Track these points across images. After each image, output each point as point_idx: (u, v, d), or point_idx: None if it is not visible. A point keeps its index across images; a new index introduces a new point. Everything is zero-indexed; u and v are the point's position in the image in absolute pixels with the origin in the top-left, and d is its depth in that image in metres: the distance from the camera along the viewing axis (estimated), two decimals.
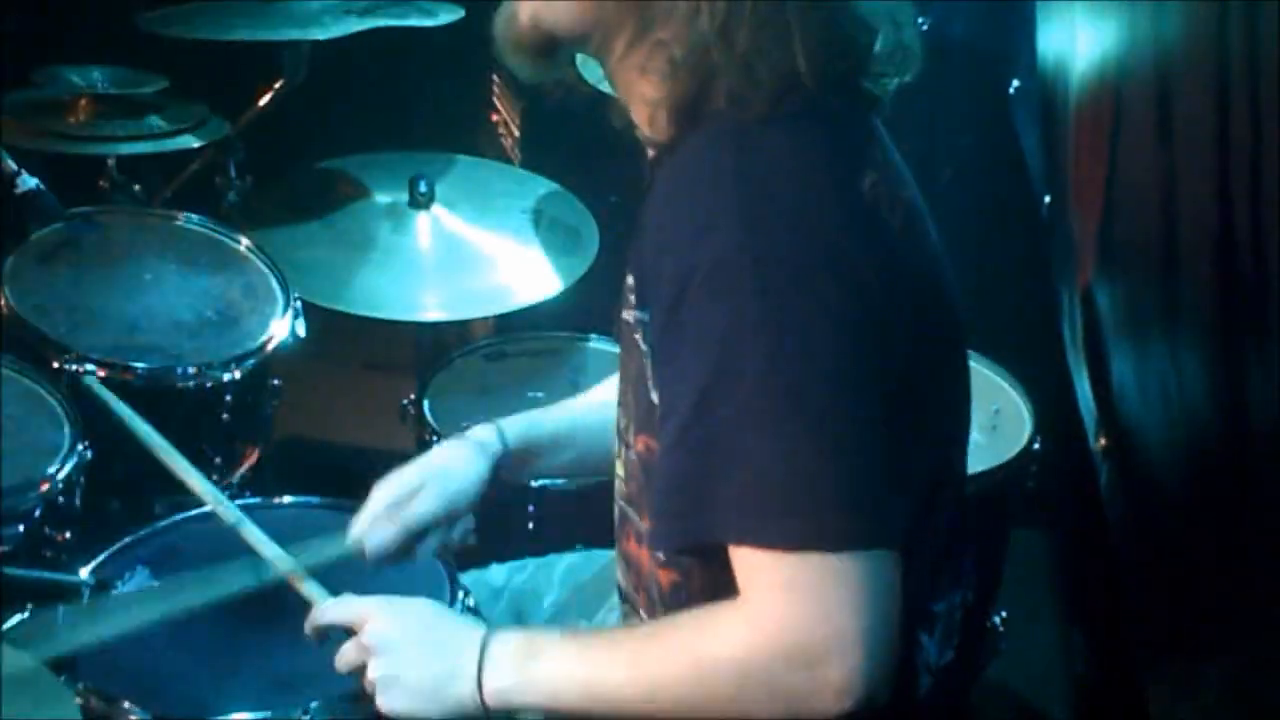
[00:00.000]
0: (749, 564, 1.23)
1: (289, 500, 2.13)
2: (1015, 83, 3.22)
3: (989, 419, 2.42)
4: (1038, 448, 2.35)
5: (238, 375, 2.30)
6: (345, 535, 1.64)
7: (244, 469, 2.41)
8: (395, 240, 2.61)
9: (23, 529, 1.92)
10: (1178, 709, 1.47)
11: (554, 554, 1.93)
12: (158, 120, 2.64)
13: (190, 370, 2.27)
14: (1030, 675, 2.76)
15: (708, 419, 1.22)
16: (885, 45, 1.34)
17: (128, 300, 2.38)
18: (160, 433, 2.27)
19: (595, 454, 1.72)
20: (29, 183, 2.40)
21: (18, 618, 1.91)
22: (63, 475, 2.01)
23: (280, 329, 2.39)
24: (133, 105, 2.63)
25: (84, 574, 1.83)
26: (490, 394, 2.57)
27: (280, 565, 1.61)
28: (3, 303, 2.23)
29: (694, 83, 1.29)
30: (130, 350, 2.27)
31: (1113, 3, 1.98)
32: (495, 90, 3.58)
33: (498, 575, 1.92)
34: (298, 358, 2.42)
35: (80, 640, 1.61)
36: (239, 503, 2.14)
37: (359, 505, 2.08)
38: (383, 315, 2.50)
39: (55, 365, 2.17)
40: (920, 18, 1.40)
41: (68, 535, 2.05)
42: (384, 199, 2.69)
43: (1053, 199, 2.65)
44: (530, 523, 2.24)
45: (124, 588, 1.77)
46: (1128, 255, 1.85)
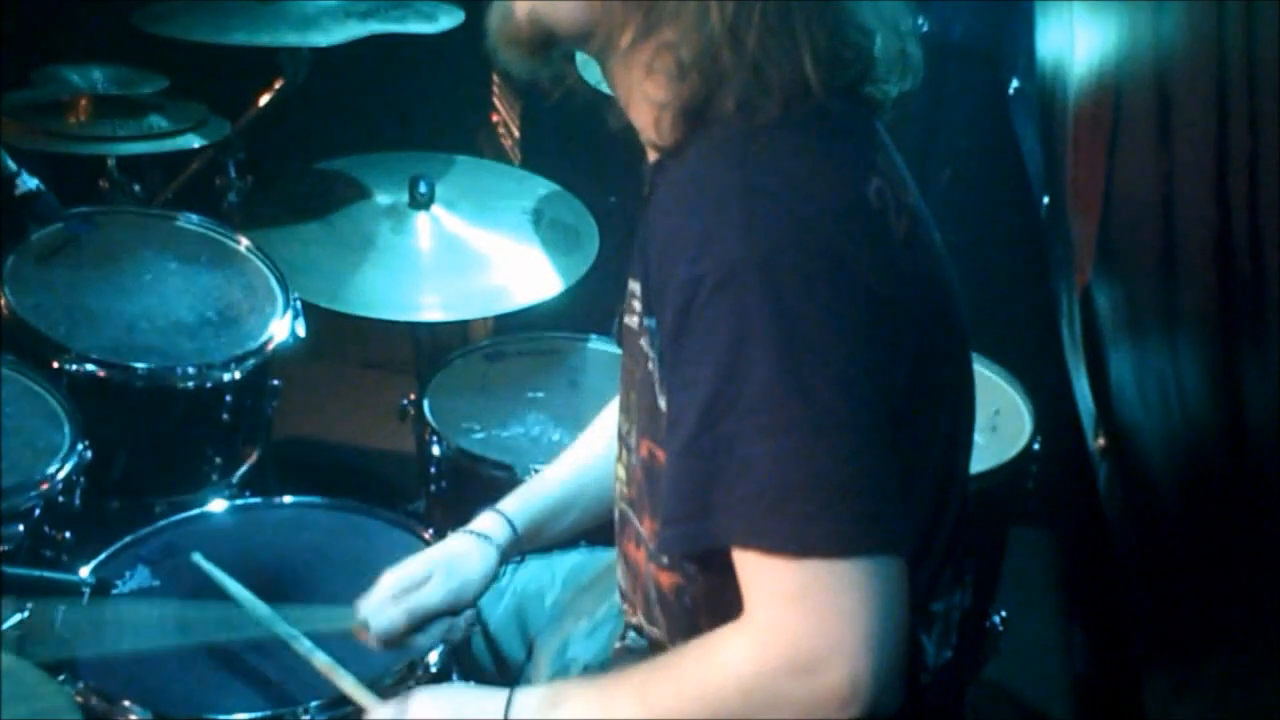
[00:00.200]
0: (753, 570, 1.23)
1: (289, 500, 2.14)
2: (1014, 83, 3.22)
3: (989, 419, 2.42)
4: (1037, 448, 2.36)
5: (238, 375, 2.31)
6: (352, 612, 1.68)
7: (244, 469, 2.41)
8: (395, 240, 2.61)
9: (23, 529, 1.92)
10: (1175, 709, 1.48)
11: (557, 551, 1.93)
12: (158, 120, 2.64)
13: (190, 370, 2.27)
14: (1030, 674, 2.76)
15: (715, 425, 1.22)
16: (888, 52, 1.35)
17: (128, 300, 2.38)
18: (160, 433, 2.29)
19: (596, 509, 1.75)
20: (29, 183, 2.40)
21: (18, 618, 1.91)
22: (62, 475, 2.01)
23: (280, 329, 2.39)
24: (133, 105, 2.63)
25: (84, 574, 1.83)
26: (490, 394, 2.57)
27: (326, 670, 1.64)
28: (3, 303, 2.23)
29: (703, 85, 1.28)
30: (130, 350, 2.27)
31: (1111, 3, 1.98)
32: (495, 90, 3.58)
33: (500, 573, 1.91)
34: (298, 358, 2.42)
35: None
36: (240, 502, 2.17)
37: (359, 505, 2.10)
38: (383, 315, 2.50)
39: (55, 365, 2.17)
40: (920, 19, 1.41)
41: (68, 535, 2.05)
42: (384, 199, 2.69)
43: (1051, 200, 2.65)
44: None
45: (124, 588, 1.77)
46: (1126, 256, 1.85)
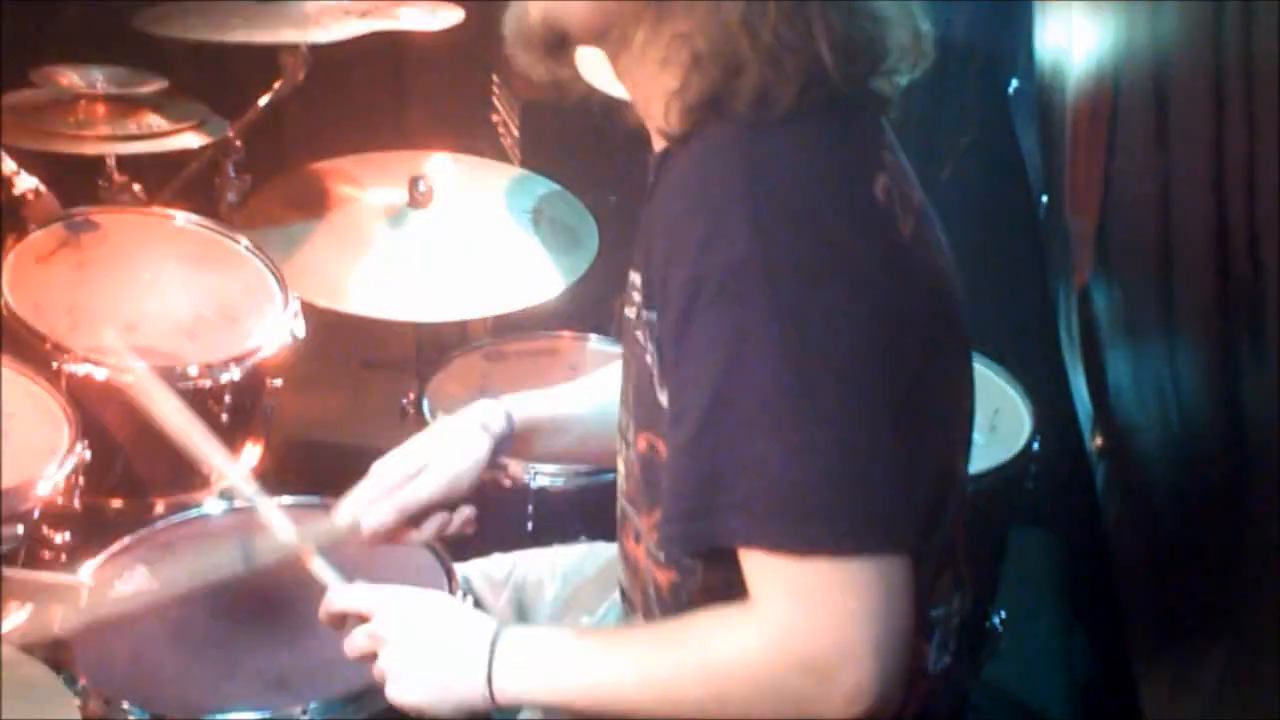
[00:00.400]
0: (759, 568, 1.23)
1: (289, 500, 2.13)
2: (1014, 83, 3.22)
3: (989, 419, 2.42)
4: (1037, 448, 2.35)
5: (237, 375, 2.30)
6: (342, 514, 1.62)
7: (244, 469, 2.41)
8: (395, 240, 2.61)
9: (22, 529, 1.92)
10: (1173, 709, 1.48)
11: (558, 545, 1.92)
12: (157, 120, 2.64)
13: (190, 370, 2.27)
14: (1029, 674, 2.76)
15: (718, 423, 1.22)
16: (900, 40, 1.34)
17: (128, 300, 2.38)
18: (160, 433, 2.28)
19: (593, 440, 1.71)
20: (29, 183, 2.41)
21: (17, 617, 1.91)
22: (62, 475, 2.01)
23: (279, 329, 2.39)
24: (133, 105, 2.63)
25: (84, 574, 1.83)
26: (490, 394, 2.55)
27: (295, 541, 1.59)
28: (3, 303, 2.23)
29: (720, 75, 1.27)
30: (130, 350, 2.27)
31: (1109, 3, 1.98)
32: (495, 90, 3.58)
33: (500, 566, 1.90)
34: (297, 358, 2.42)
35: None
36: (238, 502, 2.17)
37: None
38: (382, 315, 2.50)
39: (55, 365, 2.17)
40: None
41: (67, 535, 2.05)
42: (383, 198, 2.69)
43: (1050, 199, 2.65)
44: (529, 522, 2.24)
45: (123, 588, 1.77)
46: (1124, 255, 1.85)
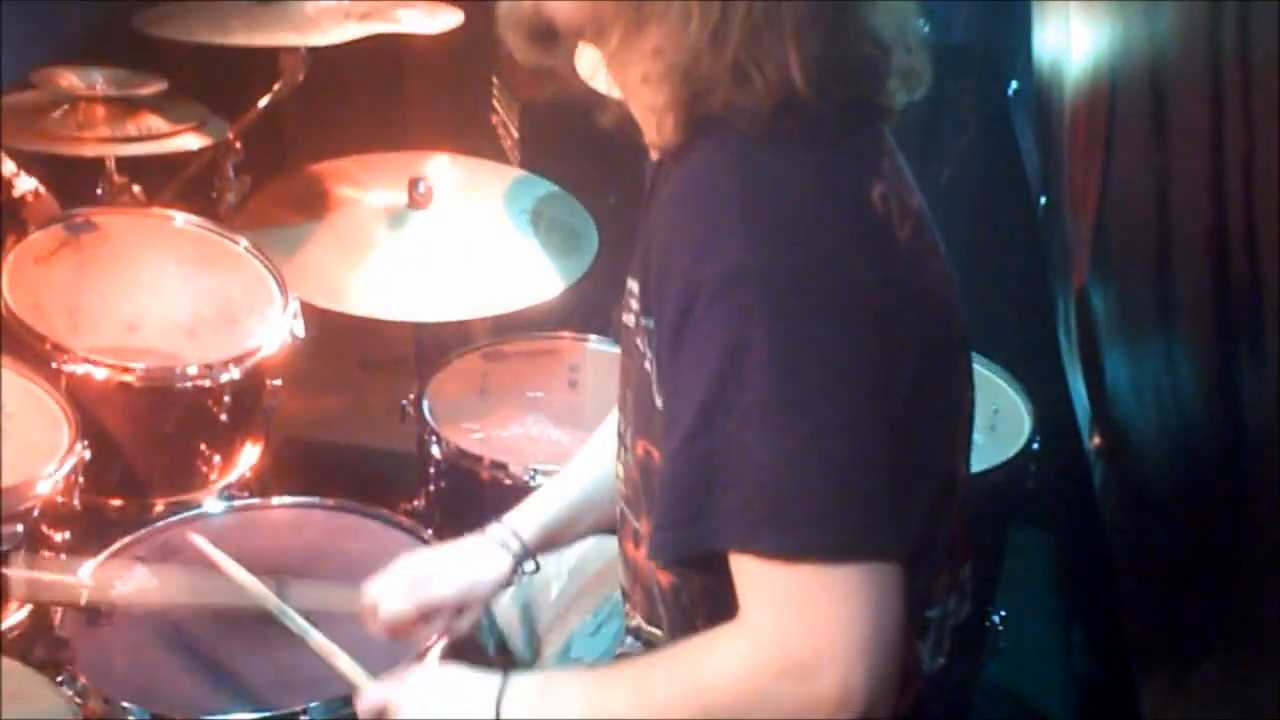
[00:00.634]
0: (749, 574, 1.23)
1: (288, 500, 2.14)
2: (1014, 84, 3.22)
3: (988, 419, 2.43)
4: (1036, 447, 2.36)
5: (237, 375, 2.31)
6: (359, 593, 1.67)
7: (244, 469, 2.41)
8: (394, 240, 2.61)
9: (22, 529, 1.92)
10: (1172, 709, 1.48)
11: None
12: (157, 122, 2.64)
13: (190, 370, 2.27)
14: (1029, 674, 2.76)
15: (711, 429, 1.22)
16: (897, 65, 1.33)
17: (128, 300, 2.38)
18: (159, 433, 2.29)
19: (607, 513, 1.70)
20: (29, 183, 2.41)
21: (17, 617, 1.92)
22: (61, 475, 2.01)
23: (279, 329, 2.39)
24: (133, 105, 2.64)
25: (83, 574, 1.83)
26: (490, 394, 2.57)
27: (323, 650, 1.63)
28: (3, 303, 2.23)
29: (689, 90, 1.27)
30: (130, 350, 2.27)
31: (1107, 3, 1.98)
32: (494, 91, 3.58)
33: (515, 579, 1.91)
34: (297, 358, 2.42)
35: None
36: (239, 502, 2.17)
37: (358, 506, 2.10)
38: (382, 315, 2.50)
39: (55, 365, 2.18)
40: (920, 21, 1.40)
41: (67, 535, 2.05)
42: (383, 199, 2.69)
43: (1048, 200, 2.65)
44: None
45: (123, 588, 1.78)
46: (1121, 255, 1.85)
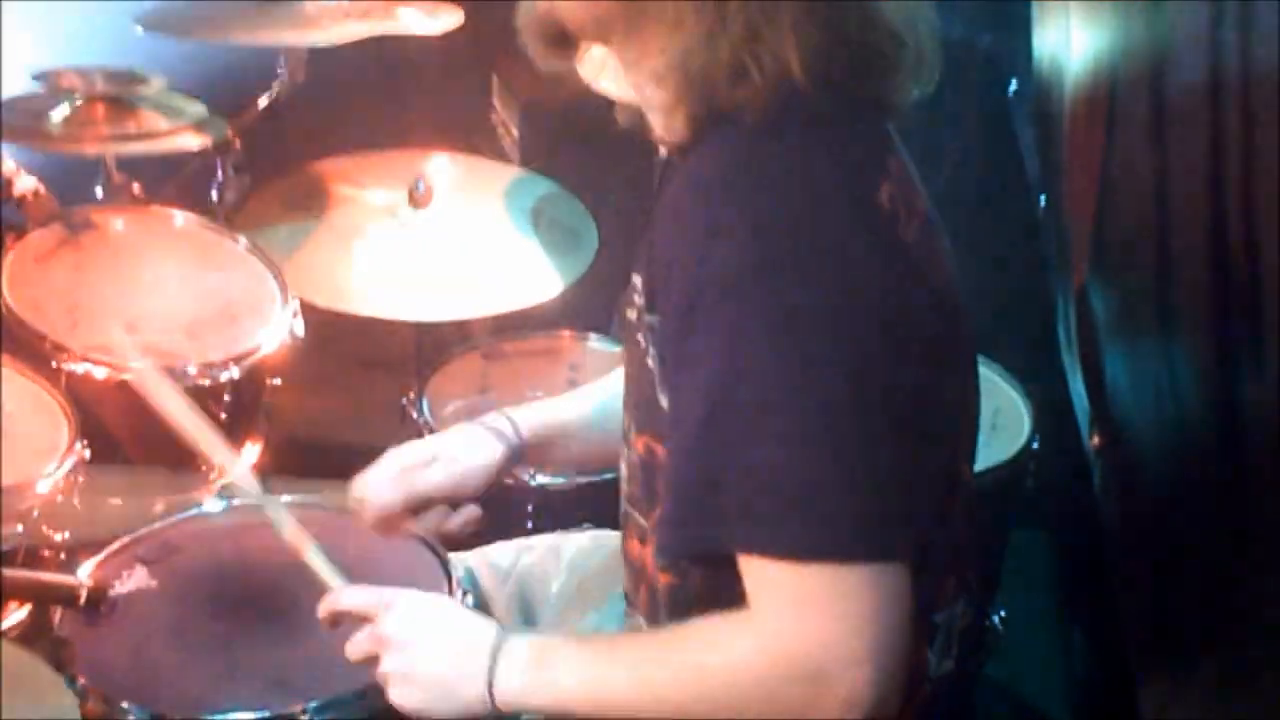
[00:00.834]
0: (757, 574, 1.23)
1: (288, 500, 2.13)
2: (1014, 83, 3.22)
3: (988, 419, 2.42)
4: (1037, 447, 2.35)
5: (237, 375, 2.30)
6: (348, 490, 1.64)
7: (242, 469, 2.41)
8: (394, 240, 2.61)
9: (21, 528, 1.92)
10: (1172, 708, 1.48)
11: (563, 534, 1.92)
12: (158, 120, 2.64)
13: (190, 370, 2.27)
14: (1029, 674, 2.76)
15: (717, 427, 1.22)
16: (907, 58, 1.32)
17: (127, 300, 2.38)
18: (159, 433, 2.29)
19: (603, 448, 1.70)
20: (28, 183, 2.41)
21: (17, 617, 1.92)
22: (61, 475, 2.01)
23: (279, 328, 2.39)
24: (132, 105, 2.63)
25: (83, 574, 1.83)
26: (490, 394, 2.57)
27: (296, 542, 1.60)
28: (3, 302, 2.23)
29: (692, 87, 1.27)
30: (130, 350, 2.27)
31: (1107, 3, 1.98)
32: (494, 90, 3.58)
33: (505, 555, 1.89)
34: (297, 357, 2.42)
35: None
36: (239, 502, 2.17)
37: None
38: (382, 315, 2.50)
39: (55, 365, 2.17)
40: (931, 12, 1.39)
41: (66, 534, 2.05)
42: (383, 199, 2.69)
43: (1048, 199, 2.65)
44: (529, 521, 2.25)
45: (123, 588, 1.78)
46: (1121, 255, 1.86)
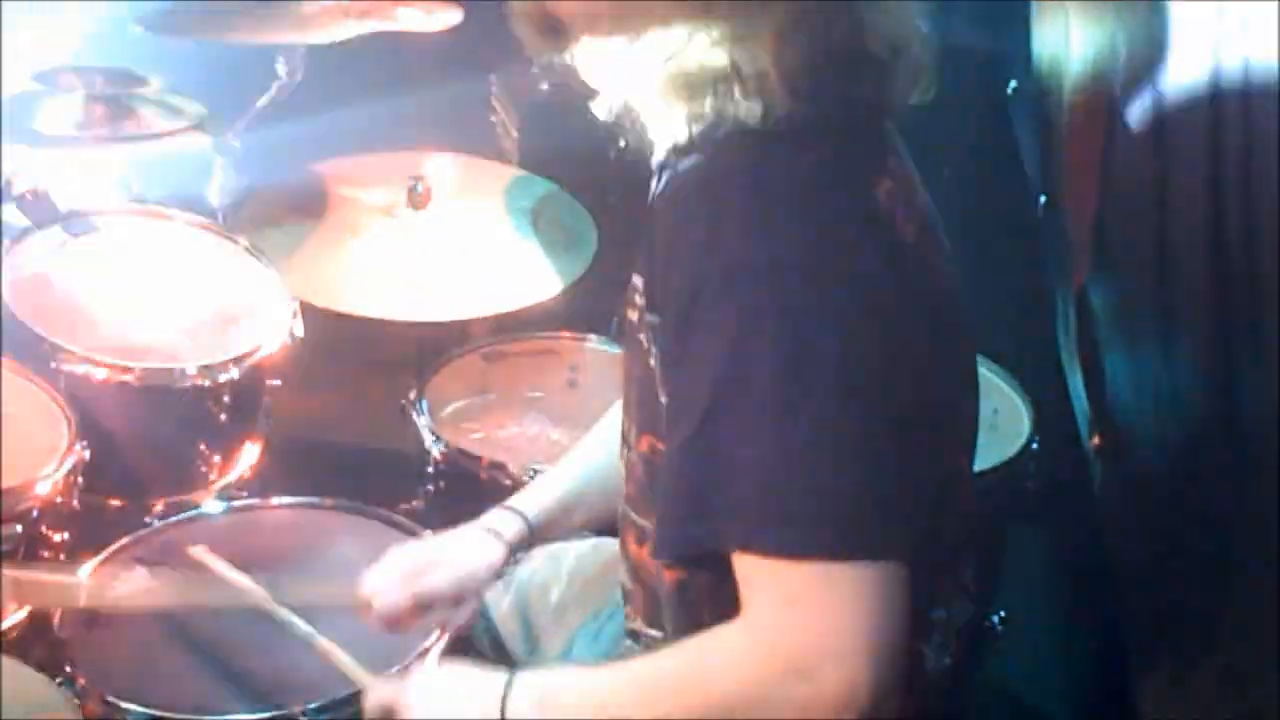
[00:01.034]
0: (751, 572, 1.23)
1: (288, 500, 2.14)
2: (1014, 83, 3.21)
3: (988, 419, 2.42)
4: (1036, 447, 2.36)
5: (236, 375, 2.30)
6: (355, 586, 1.67)
7: (243, 469, 2.41)
8: (394, 240, 2.61)
9: (21, 529, 1.92)
10: (1171, 708, 1.48)
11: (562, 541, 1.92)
12: (157, 120, 2.64)
13: (189, 370, 2.27)
14: (1029, 674, 2.75)
15: (714, 426, 1.22)
16: (905, 62, 1.32)
17: (128, 300, 2.38)
18: (159, 433, 2.29)
19: (605, 507, 1.70)
20: (28, 182, 2.41)
21: (17, 617, 1.92)
22: (61, 475, 2.01)
23: (278, 329, 2.39)
24: (132, 105, 2.63)
25: (83, 574, 1.83)
26: (490, 394, 2.57)
27: (329, 654, 1.64)
28: (3, 303, 2.23)
29: (685, 88, 1.27)
30: (130, 350, 2.27)
31: (1107, 2, 1.98)
32: (493, 90, 3.58)
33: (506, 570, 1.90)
34: (297, 358, 2.42)
35: None
36: (238, 502, 2.17)
37: (358, 505, 2.10)
38: (382, 315, 2.50)
39: (55, 365, 2.17)
40: (926, 18, 1.39)
41: (67, 535, 2.05)
42: (382, 199, 2.69)
43: (1047, 199, 2.65)
44: None
45: (122, 588, 1.78)
46: (1121, 254, 1.86)
